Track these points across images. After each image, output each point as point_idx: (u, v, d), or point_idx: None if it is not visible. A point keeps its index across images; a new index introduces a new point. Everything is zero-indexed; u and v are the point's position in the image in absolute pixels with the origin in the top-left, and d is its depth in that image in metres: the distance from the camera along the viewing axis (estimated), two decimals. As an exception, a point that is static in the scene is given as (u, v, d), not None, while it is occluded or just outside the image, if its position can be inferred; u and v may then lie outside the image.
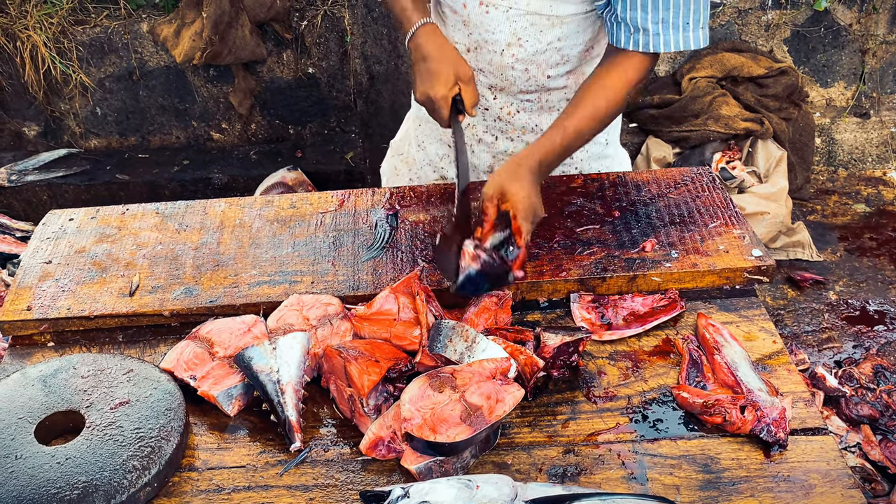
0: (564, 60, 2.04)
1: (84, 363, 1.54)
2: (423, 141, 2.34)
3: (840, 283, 3.81)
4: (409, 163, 2.44)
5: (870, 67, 4.41)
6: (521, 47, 2.01)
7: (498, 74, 2.05)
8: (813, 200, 4.38)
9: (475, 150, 2.23)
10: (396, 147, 2.55)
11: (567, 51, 2.02)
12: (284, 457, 1.44)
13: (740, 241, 1.82)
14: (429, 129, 2.31)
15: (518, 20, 1.96)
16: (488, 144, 2.21)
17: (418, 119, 2.35)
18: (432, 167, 2.34)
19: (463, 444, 1.36)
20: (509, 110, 2.13)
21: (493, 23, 1.99)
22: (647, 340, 1.65)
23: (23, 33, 3.93)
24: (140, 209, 2.01)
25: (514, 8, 1.95)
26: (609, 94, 1.85)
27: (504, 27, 1.98)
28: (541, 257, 1.79)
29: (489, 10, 1.97)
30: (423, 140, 2.34)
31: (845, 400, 2.93)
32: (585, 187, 2.01)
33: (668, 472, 1.39)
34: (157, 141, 4.38)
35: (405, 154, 2.48)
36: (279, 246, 1.86)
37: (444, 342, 1.51)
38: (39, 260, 1.85)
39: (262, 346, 1.52)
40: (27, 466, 1.35)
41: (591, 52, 2.06)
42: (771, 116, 3.98)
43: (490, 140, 2.20)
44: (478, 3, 1.98)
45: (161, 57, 4.14)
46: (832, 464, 1.40)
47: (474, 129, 2.19)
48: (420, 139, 2.35)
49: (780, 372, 1.57)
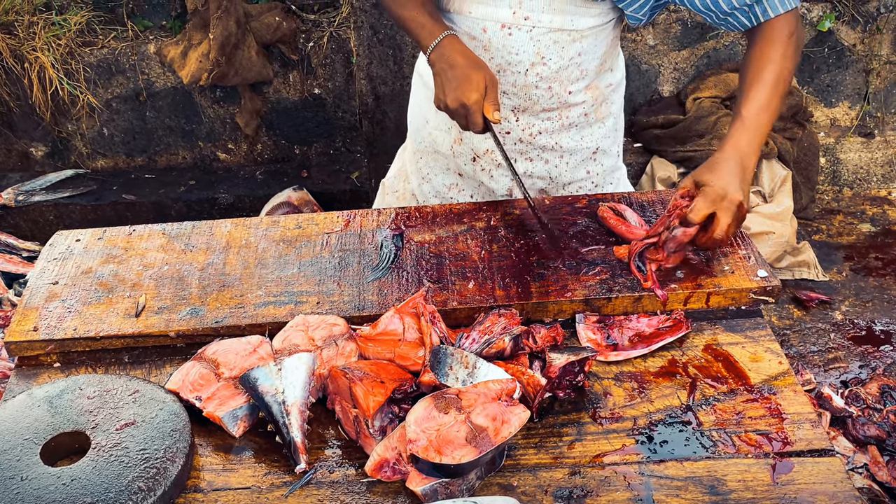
0: (584, 75, 2.07)
1: (90, 384, 1.54)
2: (427, 173, 2.35)
3: (846, 302, 3.80)
4: (407, 198, 2.44)
5: (874, 87, 4.42)
6: (544, 65, 2.04)
7: (522, 95, 2.07)
8: (818, 220, 4.37)
9: (493, 175, 2.24)
10: (391, 185, 2.54)
11: (586, 65, 2.05)
12: (290, 478, 1.44)
13: (746, 261, 1.82)
14: (432, 160, 2.32)
15: (541, 39, 1.99)
16: (483, 167, 2.22)
17: (418, 153, 2.35)
18: (439, 198, 2.34)
19: (468, 466, 1.35)
20: (531, 132, 2.14)
21: (517, 44, 2.00)
22: (652, 361, 1.65)
23: (31, 54, 3.96)
24: (146, 230, 2.02)
25: (538, 27, 1.97)
26: (777, 56, 1.86)
27: (528, 47, 2.00)
28: (546, 277, 1.79)
29: (512, 31, 1.99)
30: (427, 172, 2.35)
31: (852, 420, 2.92)
32: (590, 208, 2.02)
33: (674, 493, 1.39)
34: (164, 161, 4.40)
35: (401, 191, 2.48)
36: (285, 266, 1.87)
37: (444, 370, 1.51)
38: (46, 281, 1.86)
39: (267, 367, 1.52)
40: (33, 488, 1.35)
41: (605, 64, 2.09)
42: (775, 136, 3.99)
43: (487, 159, 2.21)
44: (499, 27, 1.99)
45: (168, 78, 4.17)
46: (839, 485, 1.39)
47: (493, 153, 2.19)
48: (424, 172, 2.36)
49: (786, 393, 1.57)
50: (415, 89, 2.38)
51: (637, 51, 4.30)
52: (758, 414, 1.53)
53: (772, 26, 1.88)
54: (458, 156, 2.26)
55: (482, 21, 2.01)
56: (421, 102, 2.33)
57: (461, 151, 2.25)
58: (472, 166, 2.26)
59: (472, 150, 2.24)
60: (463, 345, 1.59)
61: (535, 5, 1.96)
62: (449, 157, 2.29)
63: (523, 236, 1.92)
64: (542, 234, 1.91)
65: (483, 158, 2.23)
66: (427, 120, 2.31)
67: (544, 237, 1.90)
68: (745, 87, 1.86)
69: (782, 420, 1.51)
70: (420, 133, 2.34)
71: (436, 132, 2.29)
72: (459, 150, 2.25)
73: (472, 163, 2.25)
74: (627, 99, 4.36)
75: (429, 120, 2.30)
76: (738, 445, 1.47)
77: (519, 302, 1.73)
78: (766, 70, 1.85)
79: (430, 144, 2.32)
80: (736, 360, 1.65)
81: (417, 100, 2.36)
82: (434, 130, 2.29)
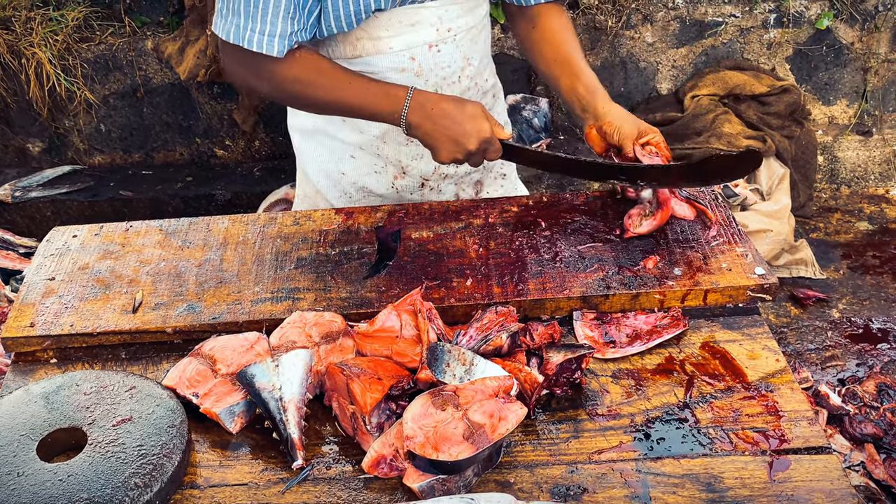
0: (487, 56, 2.17)
1: (87, 380, 1.54)
2: None
3: (843, 300, 3.80)
4: None
5: (872, 86, 4.42)
6: (470, 65, 2.08)
7: None
8: (816, 218, 4.38)
9: (442, 189, 2.23)
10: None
11: (486, 46, 2.15)
12: (286, 474, 1.44)
13: (743, 259, 1.82)
14: (366, 202, 2.22)
15: (463, 42, 2.03)
16: (452, 175, 2.21)
17: (341, 201, 2.24)
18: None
19: (465, 463, 1.35)
20: None
21: (447, 58, 2.02)
22: (649, 359, 1.65)
23: (28, 50, 3.95)
24: (143, 226, 2.02)
25: (459, 33, 2.00)
26: (570, 28, 2.12)
27: (455, 56, 2.03)
28: (543, 275, 1.79)
29: (440, 47, 2.00)
30: None
31: (849, 418, 2.92)
32: (588, 205, 2.02)
33: (671, 490, 1.39)
34: (161, 158, 4.40)
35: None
36: (282, 263, 1.87)
37: (441, 367, 1.51)
38: (43, 276, 1.86)
39: (264, 364, 1.52)
40: (29, 483, 1.35)
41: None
42: (773, 134, 3.99)
43: (453, 169, 2.20)
44: (427, 48, 1.98)
45: (165, 74, 4.16)
46: (836, 483, 1.39)
47: (440, 169, 2.18)
48: None
49: (783, 390, 1.57)
50: (311, 147, 2.22)
51: (635, 48, 4.29)
52: (755, 411, 1.53)
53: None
54: (403, 189, 2.20)
55: (408, 50, 1.97)
56: (324, 157, 2.19)
57: (405, 185, 2.19)
58: (420, 192, 2.21)
59: (421, 177, 2.19)
60: (460, 342, 1.59)
61: (452, 14, 1.97)
62: (388, 195, 2.20)
63: (521, 233, 1.92)
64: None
65: (432, 178, 2.19)
66: (343, 172, 2.18)
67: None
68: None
69: (779, 418, 1.51)
70: (338, 188, 2.22)
71: (363, 178, 2.18)
72: (403, 183, 2.19)
73: (420, 188, 2.21)
74: (625, 97, 4.37)
75: (345, 172, 2.18)
76: (735, 443, 1.47)
77: (516, 299, 1.73)
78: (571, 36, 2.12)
79: (356, 192, 2.21)
80: (733, 357, 1.65)
81: (317, 156, 2.21)
82: (359, 178, 2.18)
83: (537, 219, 1.96)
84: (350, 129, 2.11)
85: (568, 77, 2.05)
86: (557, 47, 2.08)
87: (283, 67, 1.87)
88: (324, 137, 2.17)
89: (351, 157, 2.16)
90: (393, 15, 1.92)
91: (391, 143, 2.12)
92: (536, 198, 2.05)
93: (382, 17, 1.92)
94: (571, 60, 2.06)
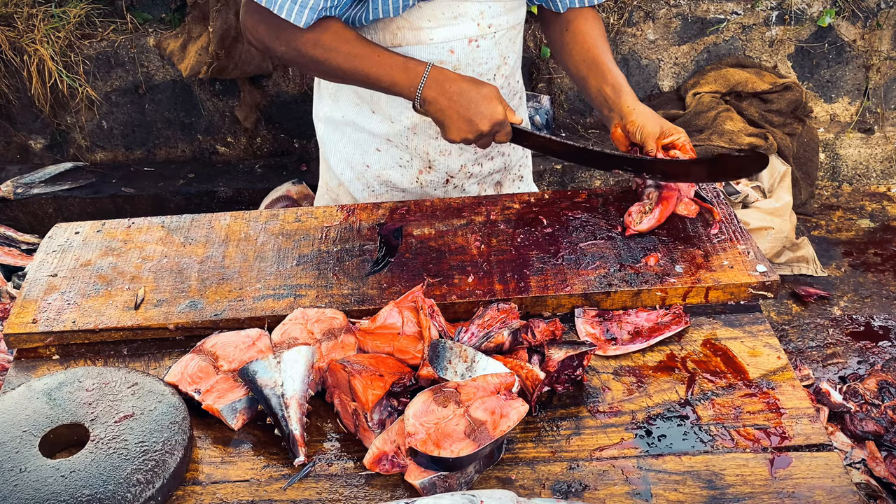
0: (520, 58, 2.17)
1: (89, 376, 1.55)
2: None
3: (844, 298, 3.80)
4: None
5: (874, 83, 4.42)
6: (506, 65, 2.09)
7: None
8: (817, 216, 4.38)
9: (465, 188, 2.23)
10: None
11: (517, 49, 2.14)
12: (288, 471, 1.44)
13: (745, 256, 1.82)
14: (388, 197, 2.23)
15: (502, 41, 2.03)
16: (476, 174, 2.21)
17: (364, 196, 2.25)
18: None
19: (467, 460, 1.35)
20: None
21: (484, 54, 2.01)
22: (651, 356, 1.65)
23: (30, 47, 3.95)
24: (146, 223, 2.02)
25: (499, 31, 2.01)
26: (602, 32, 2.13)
27: (493, 53, 2.03)
28: (545, 272, 1.79)
29: (479, 43, 1.99)
30: None
31: (850, 416, 2.92)
32: (589, 202, 2.02)
33: (672, 487, 1.39)
34: (163, 154, 4.40)
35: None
36: (284, 259, 1.87)
37: (443, 364, 1.51)
38: (45, 273, 1.86)
39: (266, 360, 1.52)
40: (31, 480, 1.35)
41: None
42: (775, 132, 3.99)
43: (478, 168, 2.20)
44: (467, 42, 1.98)
45: (167, 71, 4.16)
46: (837, 480, 1.39)
47: (467, 167, 2.19)
48: None
49: (784, 388, 1.57)
50: (336, 138, 2.22)
51: (637, 45, 4.29)
52: (756, 409, 1.53)
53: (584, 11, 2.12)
54: (427, 185, 2.20)
55: (448, 43, 1.97)
56: (349, 149, 2.20)
57: (430, 180, 2.19)
58: (444, 188, 2.21)
59: (447, 173, 2.19)
60: (462, 339, 1.59)
61: (494, 11, 1.97)
62: (412, 189, 2.20)
63: (522, 231, 1.92)
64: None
65: (457, 175, 2.20)
66: (368, 165, 2.18)
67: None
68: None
69: (780, 415, 1.52)
70: (361, 181, 2.22)
71: (387, 172, 2.18)
72: (428, 178, 2.19)
73: (445, 185, 2.21)
74: (627, 94, 4.36)
75: (370, 164, 2.18)
76: (737, 440, 1.47)
77: (518, 296, 1.73)
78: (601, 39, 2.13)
79: (379, 186, 2.22)
80: (734, 354, 1.65)
81: (342, 147, 2.21)
82: (383, 171, 2.18)
83: (539, 216, 1.97)
84: (380, 120, 2.11)
85: (595, 78, 2.04)
86: (587, 49, 2.07)
87: (306, 34, 1.86)
88: (350, 129, 2.17)
89: (377, 149, 2.15)
90: (437, 6, 1.93)
91: (421, 134, 2.12)
92: (538, 195, 2.06)
93: (426, 7, 1.92)
94: (600, 61, 2.05)
